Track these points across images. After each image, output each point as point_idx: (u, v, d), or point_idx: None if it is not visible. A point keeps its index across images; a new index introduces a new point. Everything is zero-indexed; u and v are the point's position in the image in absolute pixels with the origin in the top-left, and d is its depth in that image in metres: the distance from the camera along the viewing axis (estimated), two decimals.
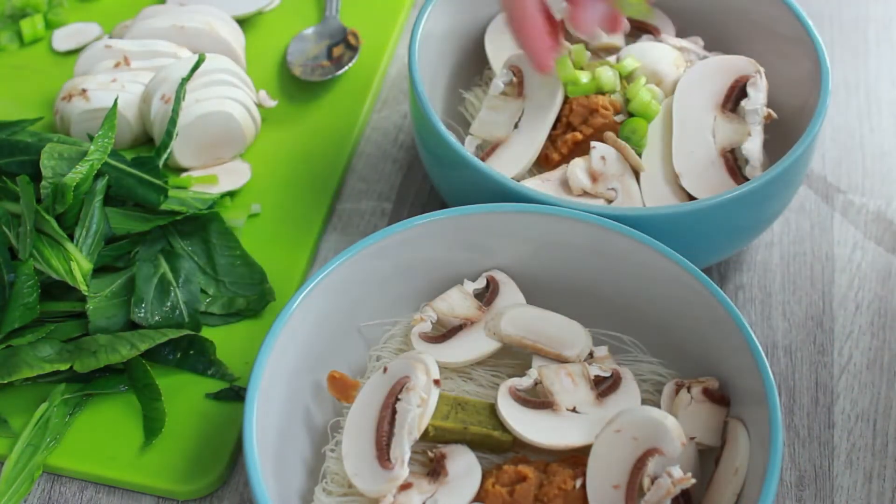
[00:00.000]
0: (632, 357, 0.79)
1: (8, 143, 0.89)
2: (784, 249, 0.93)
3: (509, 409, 0.73)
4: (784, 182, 0.82)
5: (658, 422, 0.68)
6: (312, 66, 1.04)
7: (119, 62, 0.98)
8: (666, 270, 0.76)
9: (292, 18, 1.09)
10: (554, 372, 0.74)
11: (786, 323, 0.88)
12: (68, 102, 0.95)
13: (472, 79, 0.97)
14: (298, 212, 0.94)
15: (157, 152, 0.91)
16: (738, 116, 0.86)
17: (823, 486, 0.80)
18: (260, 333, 0.84)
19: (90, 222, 0.84)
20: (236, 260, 0.88)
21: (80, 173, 0.84)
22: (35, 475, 0.79)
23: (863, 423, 0.83)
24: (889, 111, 1.04)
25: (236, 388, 0.83)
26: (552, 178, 0.85)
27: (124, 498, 0.79)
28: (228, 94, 0.95)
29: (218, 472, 0.79)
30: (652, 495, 0.67)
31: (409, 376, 0.71)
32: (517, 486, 0.69)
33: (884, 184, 0.98)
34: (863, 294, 0.90)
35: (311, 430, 0.76)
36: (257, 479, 0.66)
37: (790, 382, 0.85)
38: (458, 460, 0.71)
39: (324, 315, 0.76)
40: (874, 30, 1.11)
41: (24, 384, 0.82)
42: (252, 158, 0.98)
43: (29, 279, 0.81)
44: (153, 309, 0.84)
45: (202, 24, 1.00)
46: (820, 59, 0.87)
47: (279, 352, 0.72)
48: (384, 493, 0.69)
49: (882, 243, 0.94)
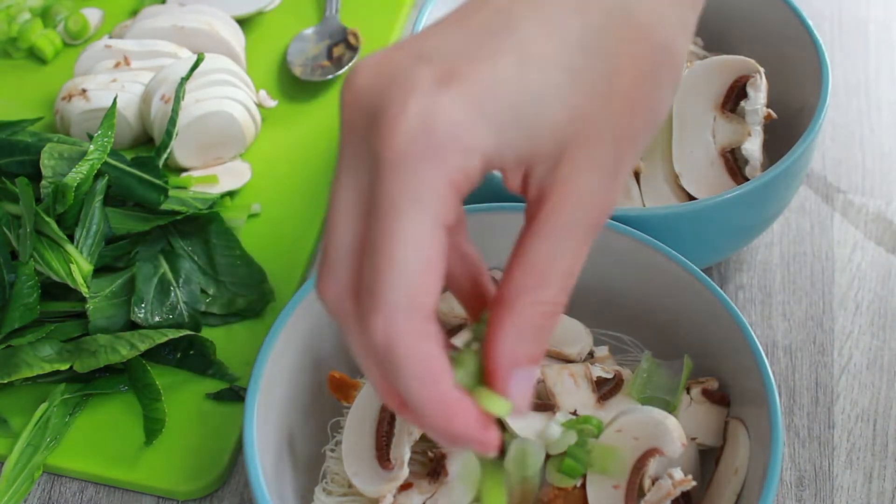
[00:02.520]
0: (632, 357, 0.78)
1: (8, 143, 0.89)
2: (784, 249, 0.93)
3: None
4: (784, 182, 0.82)
5: (659, 422, 0.68)
6: (312, 66, 1.04)
7: (119, 62, 0.98)
8: (666, 270, 0.76)
9: (292, 18, 1.09)
10: (556, 372, 0.74)
11: (786, 323, 0.88)
12: (68, 102, 0.95)
13: None
14: (298, 212, 0.94)
15: (157, 152, 0.91)
16: (738, 116, 0.86)
17: (823, 486, 0.80)
18: (260, 333, 0.84)
19: (90, 222, 0.84)
20: (236, 260, 0.88)
21: (80, 173, 0.84)
22: (35, 475, 0.79)
23: (863, 423, 0.83)
24: (889, 111, 1.04)
25: (236, 388, 0.83)
26: None
27: (124, 498, 0.79)
28: (228, 94, 0.95)
29: (218, 472, 0.79)
30: (652, 496, 0.67)
31: None
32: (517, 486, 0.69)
33: (884, 184, 0.98)
34: (863, 294, 0.90)
35: (311, 430, 0.76)
36: (257, 479, 0.66)
37: (790, 382, 0.85)
38: (458, 460, 0.71)
39: (324, 315, 0.75)
40: (874, 30, 1.11)
41: (24, 384, 0.82)
42: (252, 158, 0.98)
43: (29, 279, 0.81)
44: (153, 309, 0.84)
45: (202, 24, 1.00)
46: (820, 59, 0.87)
47: (279, 352, 0.72)
48: (384, 494, 0.69)
49: (882, 243, 0.94)
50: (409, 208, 0.48)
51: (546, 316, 0.51)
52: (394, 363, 0.48)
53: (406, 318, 0.48)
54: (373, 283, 0.48)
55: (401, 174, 0.47)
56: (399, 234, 0.48)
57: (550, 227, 0.50)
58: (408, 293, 0.48)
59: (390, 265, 0.48)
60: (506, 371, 0.50)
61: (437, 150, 0.47)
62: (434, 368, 0.49)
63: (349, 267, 0.50)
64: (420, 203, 0.48)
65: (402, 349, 0.48)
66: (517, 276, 0.51)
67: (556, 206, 0.50)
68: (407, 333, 0.48)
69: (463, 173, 0.48)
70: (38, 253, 0.82)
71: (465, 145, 0.48)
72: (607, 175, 0.50)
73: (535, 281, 0.50)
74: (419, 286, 0.48)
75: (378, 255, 0.48)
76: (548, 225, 0.50)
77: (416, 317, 0.48)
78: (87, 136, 0.93)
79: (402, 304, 0.48)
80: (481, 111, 0.48)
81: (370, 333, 0.48)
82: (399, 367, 0.48)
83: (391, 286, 0.48)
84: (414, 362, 0.48)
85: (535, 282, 0.50)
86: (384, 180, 0.48)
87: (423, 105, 0.47)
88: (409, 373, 0.48)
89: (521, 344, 0.50)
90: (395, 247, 0.48)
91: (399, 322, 0.48)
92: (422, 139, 0.47)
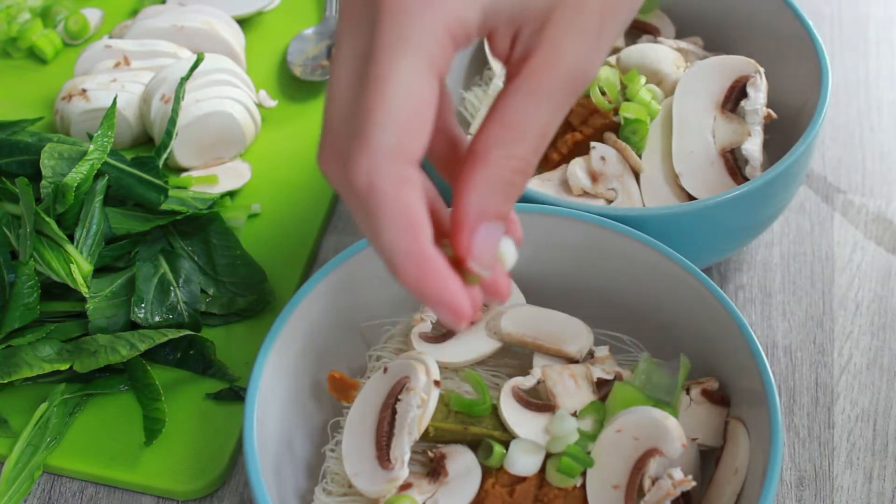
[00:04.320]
0: (632, 357, 0.78)
1: (8, 143, 0.89)
2: (784, 249, 0.93)
3: (511, 411, 0.72)
4: (784, 182, 0.82)
5: (659, 422, 0.68)
6: (312, 66, 1.04)
7: (119, 62, 0.98)
8: (666, 270, 0.76)
9: (292, 18, 1.09)
10: (558, 373, 0.74)
11: (786, 323, 0.88)
12: (68, 102, 0.95)
13: (471, 79, 0.97)
14: (298, 212, 0.94)
15: (157, 152, 0.91)
16: (738, 116, 0.86)
17: (823, 486, 0.80)
18: (260, 333, 0.84)
19: (90, 222, 0.84)
20: (236, 260, 0.88)
21: (80, 173, 0.84)
22: (35, 475, 0.79)
23: (863, 423, 0.83)
24: (889, 111, 1.04)
25: (236, 388, 0.83)
26: (552, 178, 0.85)
27: (124, 498, 0.79)
28: (228, 94, 0.95)
29: (218, 472, 0.79)
30: (652, 496, 0.67)
31: (409, 376, 0.71)
32: (517, 486, 0.69)
33: (884, 184, 0.98)
34: (863, 294, 0.90)
35: (311, 430, 0.76)
36: (257, 479, 0.66)
37: (790, 382, 0.85)
38: (458, 460, 0.71)
39: (324, 315, 0.76)
40: (874, 30, 1.11)
41: (24, 384, 0.82)
42: (252, 158, 0.98)
43: (29, 279, 0.81)
44: (153, 309, 0.84)
45: (202, 24, 1.00)
46: (820, 59, 0.87)
47: (279, 352, 0.72)
48: (384, 494, 0.69)
49: (882, 243, 0.94)
50: (406, 51, 0.48)
51: (517, 171, 0.51)
52: (373, 207, 0.48)
53: (390, 161, 0.48)
54: (361, 126, 0.48)
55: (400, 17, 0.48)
56: (393, 75, 0.48)
57: (532, 85, 0.51)
58: (396, 135, 0.48)
59: (381, 106, 0.47)
60: (473, 221, 0.51)
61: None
62: (413, 217, 0.49)
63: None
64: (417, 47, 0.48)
65: (382, 193, 0.48)
66: (493, 130, 0.51)
67: (540, 65, 0.51)
68: (389, 177, 0.47)
69: (461, 23, 0.49)
70: (38, 253, 0.82)
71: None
72: (591, 40, 0.52)
73: (510, 135, 0.51)
74: (408, 130, 0.48)
75: (369, 97, 0.48)
76: (529, 83, 0.51)
77: (401, 161, 0.48)
78: (87, 136, 0.93)
79: (388, 146, 0.47)
80: None
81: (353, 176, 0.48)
82: (378, 212, 0.48)
83: (380, 127, 0.47)
84: (393, 208, 0.48)
85: (510, 136, 0.51)
86: (382, 25, 0.48)
87: None
88: (388, 218, 0.48)
89: (491, 196, 0.51)
90: (388, 88, 0.47)
91: (382, 165, 0.48)
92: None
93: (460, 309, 0.50)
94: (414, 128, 0.48)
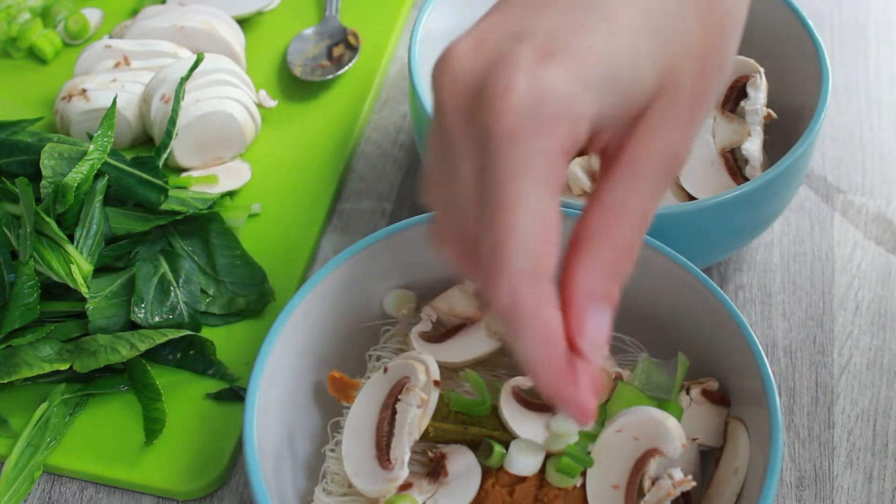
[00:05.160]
0: (631, 357, 0.78)
1: (8, 143, 0.89)
2: (784, 249, 0.93)
3: (511, 411, 0.72)
4: (784, 182, 0.82)
5: (659, 422, 0.68)
6: (312, 66, 1.04)
7: (119, 62, 0.98)
8: (666, 270, 0.76)
9: (292, 18, 1.09)
10: None
11: (786, 323, 0.88)
12: (68, 102, 0.95)
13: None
14: (298, 212, 0.94)
15: (157, 152, 0.91)
16: (738, 116, 0.86)
17: (823, 486, 0.80)
18: (260, 333, 0.84)
19: (90, 222, 0.84)
20: (236, 260, 0.88)
21: (80, 173, 0.84)
22: (35, 475, 0.79)
23: (863, 423, 0.83)
24: (889, 111, 1.04)
25: (236, 388, 0.83)
26: None
27: (124, 498, 0.79)
28: (228, 94, 0.95)
29: (218, 472, 0.79)
30: (652, 496, 0.67)
31: (409, 376, 0.71)
32: (517, 486, 0.69)
33: (884, 184, 0.98)
34: (863, 294, 0.90)
35: (311, 430, 0.76)
36: (257, 479, 0.66)
37: (790, 382, 0.85)
38: (458, 460, 0.71)
39: (324, 315, 0.76)
40: (874, 30, 1.11)
41: (24, 384, 0.82)
42: (252, 158, 0.98)
43: (29, 279, 0.81)
44: (153, 309, 0.84)
45: (202, 24, 1.00)
46: (820, 59, 0.87)
47: (279, 352, 0.72)
48: (384, 494, 0.69)
49: (882, 243, 0.94)
50: (527, 178, 0.50)
51: (621, 257, 0.54)
52: (517, 325, 0.51)
53: (529, 283, 0.51)
54: (495, 251, 0.51)
55: (516, 146, 0.50)
56: (519, 202, 0.50)
57: (630, 173, 0.54)
58: (531, 259, 0.50)
59: (513, 233, 0.50)
60: (582, 304, 0.53)
61: (549, 121, 0.50)
62: (551, 331, 0.52)
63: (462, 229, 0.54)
64: (537, 172, 0.50)
65: (524, 313, 0.51)
66: (594, 217, 0.54)
67: (637, 155, 0.53)
68: (530, 298, 0.51)
69: (572, 140, 0.51)
70: (38, 253, 0.82)
71: (574, 114, 0.50)
72: (683, 126, 0.54)
73: (612, 222, 0.54)
74: (542, 253, 0.51)
75: (499, 224, 0.51)
76: (628, 172, 0.54)
77: (539, 282, 0.51)
78: (87, 136, 0.93)
79: (525, 269, 0.50)
80: (583, 81, 0.51)
81: (495, 296, 0.51)
82: (521, 329, 0.51)
83: (516, 253, 0.50)
84: (535, 325, 0.51)
85: (612, 223, 0.54)
86: (499, 153, 0.50)
87: (531, 80, 0.50)
88: (531, 335, 0.51)
89: (597, 280, 0.53)
90: (517, 215, 0.50)
91: (523, 288, 0.51)
92: (534, 112, 0.50)
93: (589, 409, 0.53)
94: (546, 250, 0.51)
